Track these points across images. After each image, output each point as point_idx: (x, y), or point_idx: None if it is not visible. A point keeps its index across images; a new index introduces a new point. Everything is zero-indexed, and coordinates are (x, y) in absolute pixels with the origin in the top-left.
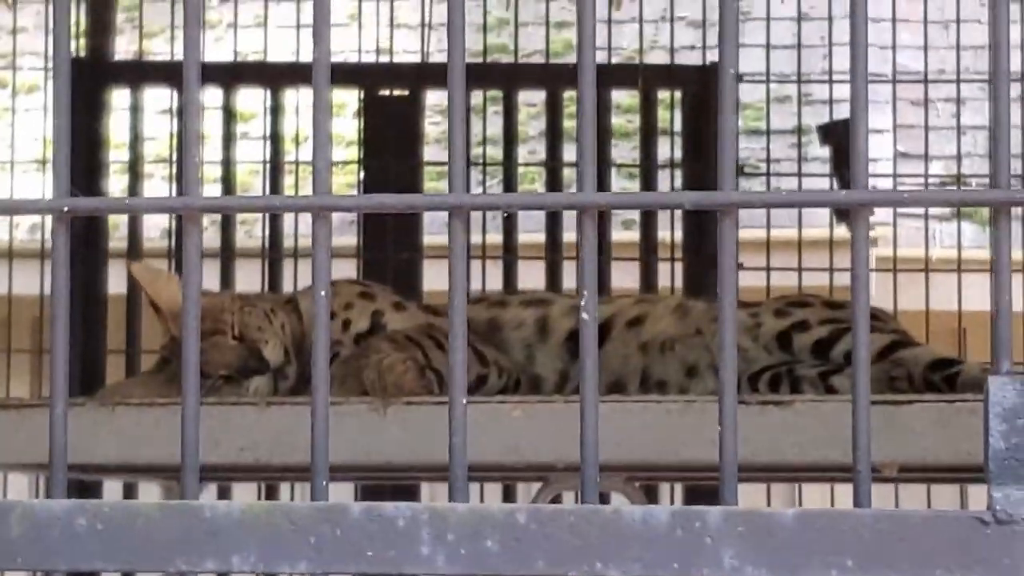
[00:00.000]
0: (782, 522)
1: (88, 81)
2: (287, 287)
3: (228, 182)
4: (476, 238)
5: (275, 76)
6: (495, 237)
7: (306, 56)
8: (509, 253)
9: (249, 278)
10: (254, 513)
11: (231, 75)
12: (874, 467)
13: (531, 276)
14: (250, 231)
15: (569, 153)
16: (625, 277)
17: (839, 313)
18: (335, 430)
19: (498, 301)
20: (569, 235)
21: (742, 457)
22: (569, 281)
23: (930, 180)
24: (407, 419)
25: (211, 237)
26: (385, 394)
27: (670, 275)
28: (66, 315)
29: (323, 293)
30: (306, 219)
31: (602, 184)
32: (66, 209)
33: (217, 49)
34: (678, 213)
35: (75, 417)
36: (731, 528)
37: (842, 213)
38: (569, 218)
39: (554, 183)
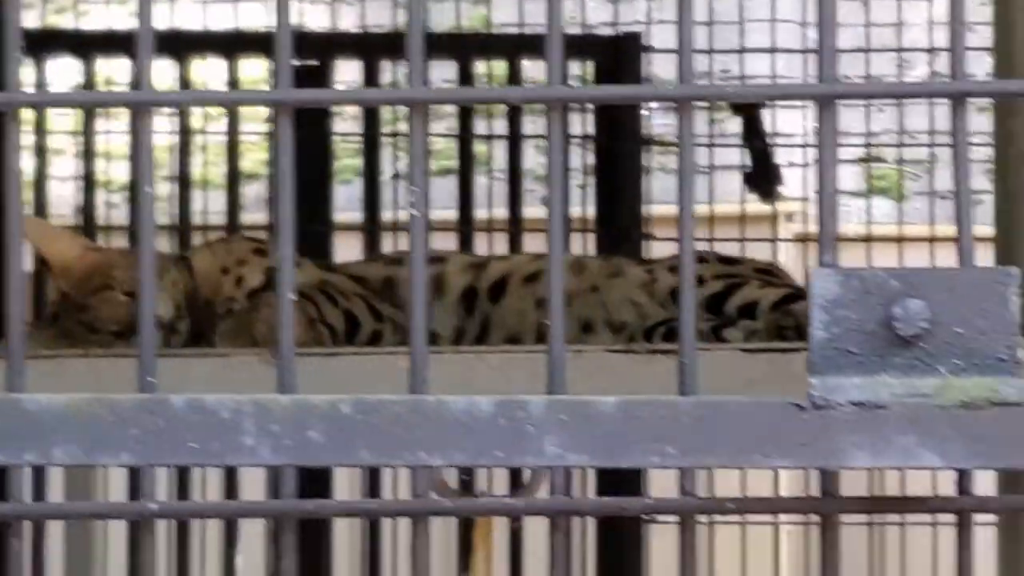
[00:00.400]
0: (604, 410)
1: None
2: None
3: (136, 158)
4: (388, 214)
5: (183, 47)
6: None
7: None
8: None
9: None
10: (76, 406)
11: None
12: None
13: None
14: (160, 207)
15: (481, 127)
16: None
17: (734, 268)
18: (225, 382)
19: (394, 259)
20: (480, 212)
21: None
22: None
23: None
24: (296, 370)
25: (121, 213)
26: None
27: (582, 250)
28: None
29: (147, 190)
30: (217, 197)
31: (515, 158)
32: None
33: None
34: (591, 191)
35: None
36: (553, 416)
37: (753, 185)
38: (480, 196)
39: (464, 153)
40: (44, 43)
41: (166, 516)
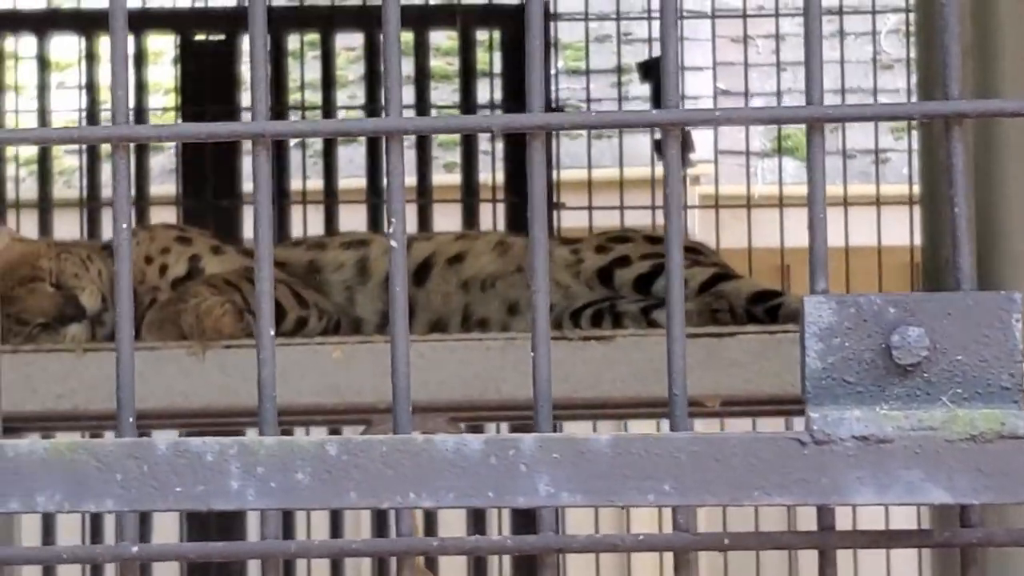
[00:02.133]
0: (597, 448)
1: None
2: (106, 237)
3: None
4: (297, 183)
5: (90, 23)
6: (316, 183)
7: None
8: (330, 198)
9: (68, 229)
10: (58, 451)
11: (45, 22)
12: (697, 401)
13: (353, 222)
14: (68, 181)
15: None
16: (448, 221)
17: (660, 248)
18: (154, 375)
19: (317, 243)
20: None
21: (564, 393)
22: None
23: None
24: (226, 363)
25: (29, 188)
26: (204, 338)
27: (492, 217)
28: None
29: (124, 226)
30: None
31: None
32: None
33: None
34: (500, 155)
35: None
36: (545, 455)
37: (661, 151)
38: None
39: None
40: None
41: (147, 559)
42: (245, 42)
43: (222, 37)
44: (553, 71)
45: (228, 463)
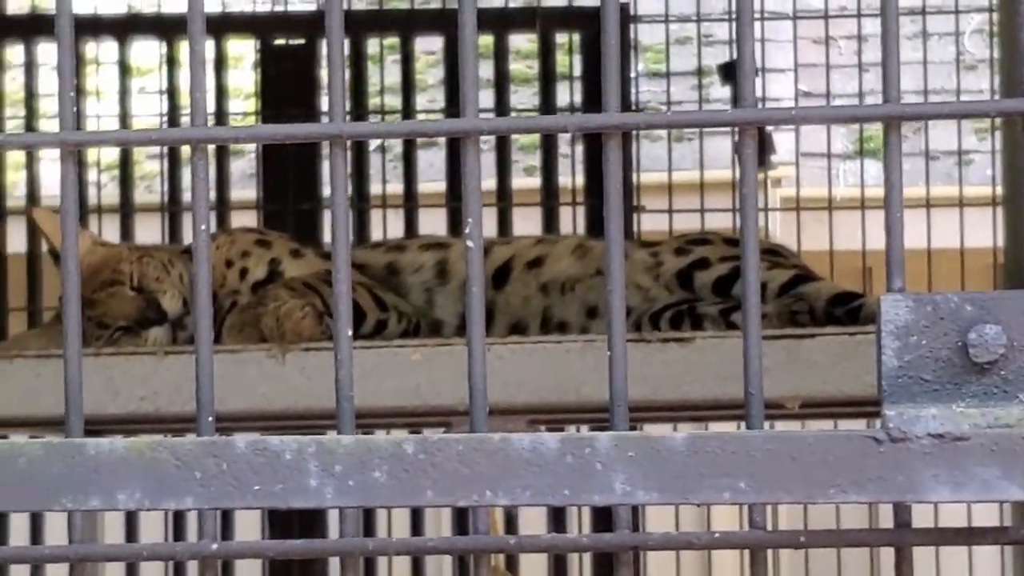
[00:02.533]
0: (672, 446)
1: None
2: (187, 241)
3: None
4: (377, 187)
5: (170, 28)
6: (396, 187)
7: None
8: (410, 202)
9: (149, 234)
10: (138, 449)
11: (126, 28)
12: (777, 403)
13: (432, 226)
14: (150, 186)
15: None
16: (527, 225)
17: (739, 250)
18: (234, 378)
19: (396, 246)
20: None
21: (644, 395)
22: None
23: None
24: (306, 365)
25: (110, 193)
26: (283, 341)
27: (571, 221)
28: None
29: (203, 227)
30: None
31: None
32: None
33: (112, 2)
34: (579, 158)
35: None
36: (621, 453)
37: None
38: None
39: None
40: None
41: (227, 556)
42: (325, 46)
43: (302, 41)
44: (633, 74)
45: (306, 461)
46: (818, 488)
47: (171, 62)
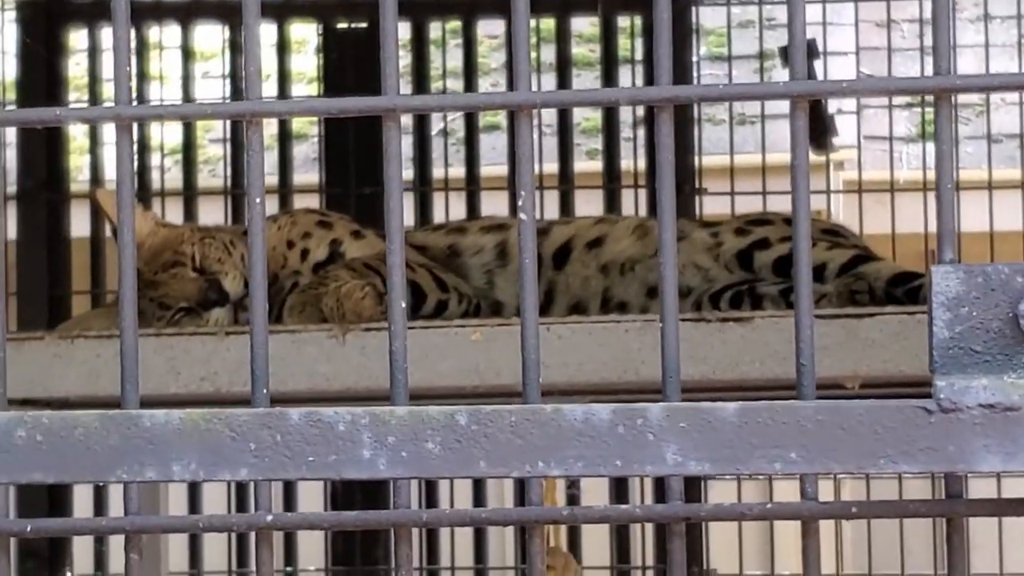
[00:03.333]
0: (724, 416)
1: (46, 22)
2: None
3: (188, 122)
4: (439, 171)
5: (234, 11)
6: (459, 170)
7: None
8: (472, 184)
9: (212, 217)
10: (193, 421)
11: (189, 11)
12: (836, 382)
13: (494, 210)
14: (213, 170)
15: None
16: (589, 208)
17: None
18: (295, 358)
19: (457, 228)
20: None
21: (703, 374)
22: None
23: (894, 99)
24: (366, 345)
25: (174, 177)
26: (344, 321)
27: (633, 203)
28: (3, 229)
29: (258, 200)
30: (268, 158)
31: (564, 115)
32: None
33: None
34: (640, 142)
35: (35, 351)
36: (673, 424)
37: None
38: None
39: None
40: (96, 12)
41: (282, 528)
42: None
43: (365, 25)
44: (695, 58)
45: (360, 432)
46: (868, 458)
47: (234, 46)
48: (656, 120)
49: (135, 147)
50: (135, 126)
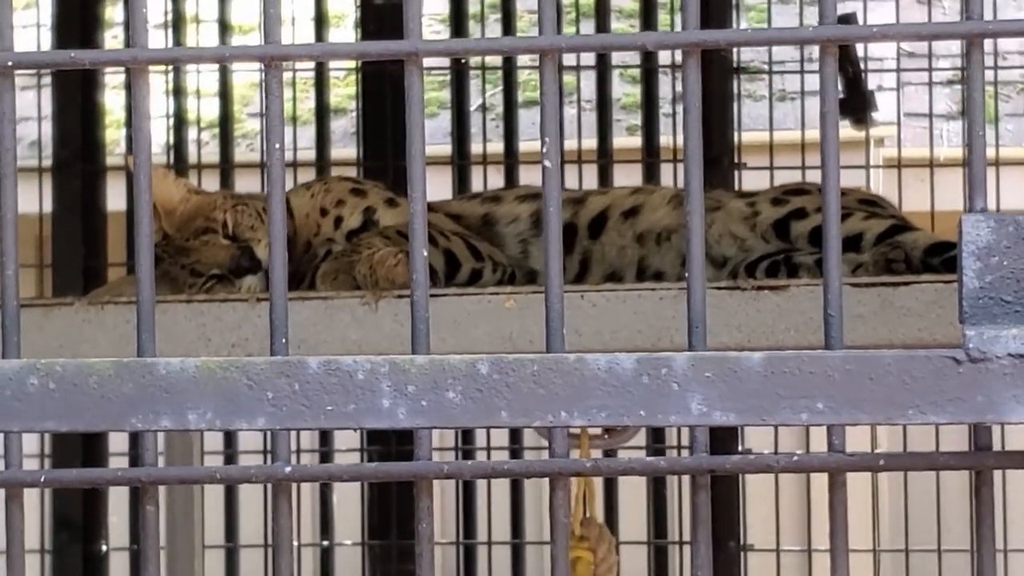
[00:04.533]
0: (750, 366)
1: None
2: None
3: (225, 96)
4: (477, 147)
5: None
6: (497, 145)
7: None
8: (510, 158)
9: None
10: (210, 369)
11: None
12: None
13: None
14: (251, 144)
15: (568, 57)
16: (628, 183)
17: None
18: (327, 325)
19: (492, 196)
20: (570, 142)
21: (738, 342)
22: (571, 182)
23: (935, 76)
24: (399, 312)
25: (211, 151)
26: (377, 287)
27: (672, 179)
28: (14, 174)
29: (277, 146)
30: (306, 133)
31: (603, 90)
32: (10, 64)
33: None
34: (679, 118)
35: (64, 317)
36: (698, 373)
37: (846, 111)
38: (569, 127)
39: None
40: None
41: (300, 479)
42: (426, 4)
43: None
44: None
45: (379, 381)
46: (896, 409)
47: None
48: (684, 65)
49: (151, 96)
50: (169, 91)
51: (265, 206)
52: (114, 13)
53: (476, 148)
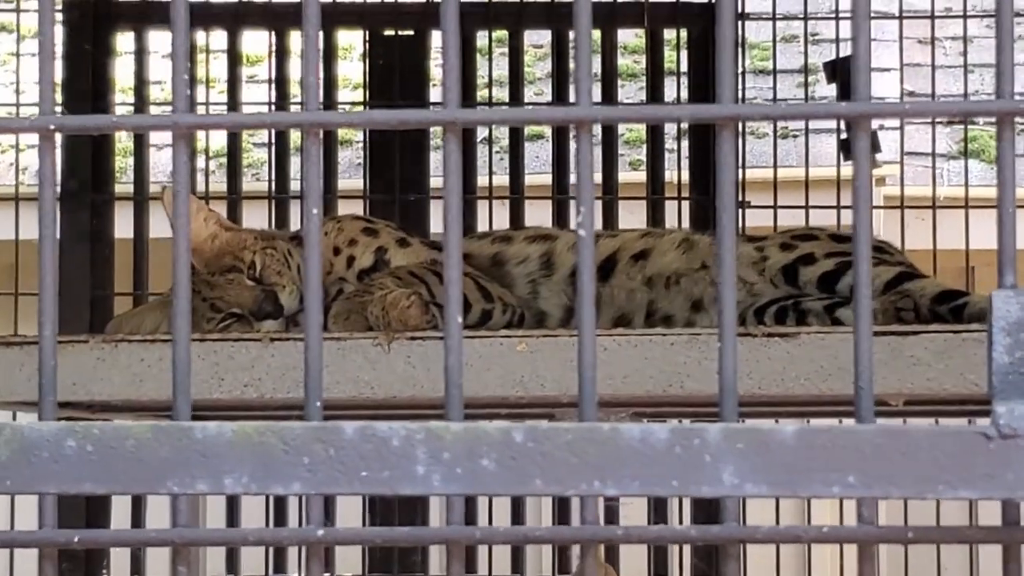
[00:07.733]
0: (782, 439)
1: (93, 24)
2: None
3: None
4: (483, 179)
5: (280, 17)
6: (503, 179)
7: None
8: (516, 194)
9: (256, 221)
10: (246, 433)
11: (236, 17)
12: (881, 399)
13: (538, 218)
14: (257, 174)
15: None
16: (633, 218)
17: (845, 246)
18: (339, 366)
19: (503, 237)
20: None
21: (748, 390)
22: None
23: (937, 119)
24: (411, 354)
25: (219, 180)
26: (389, 329)
27: (676, 214)
28: (54, 235)
29: (315, 211)
30: None
31: (609, 127)
32: (52, 127)
33: None
34: (684, 154)
35: (78, 354)
36: (730, 445)
37: (849, 152)
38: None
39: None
40: (143, 14)
41: (333, 543)
42: (435, 37)
43: (411, 32)
44: (740, 70)
45: (414, 448)
46: (927, 484)
47: (280, 52)
48: (718, 138)
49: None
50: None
51: (291, 249)
52: (123, 42)
53: (482, 181)
